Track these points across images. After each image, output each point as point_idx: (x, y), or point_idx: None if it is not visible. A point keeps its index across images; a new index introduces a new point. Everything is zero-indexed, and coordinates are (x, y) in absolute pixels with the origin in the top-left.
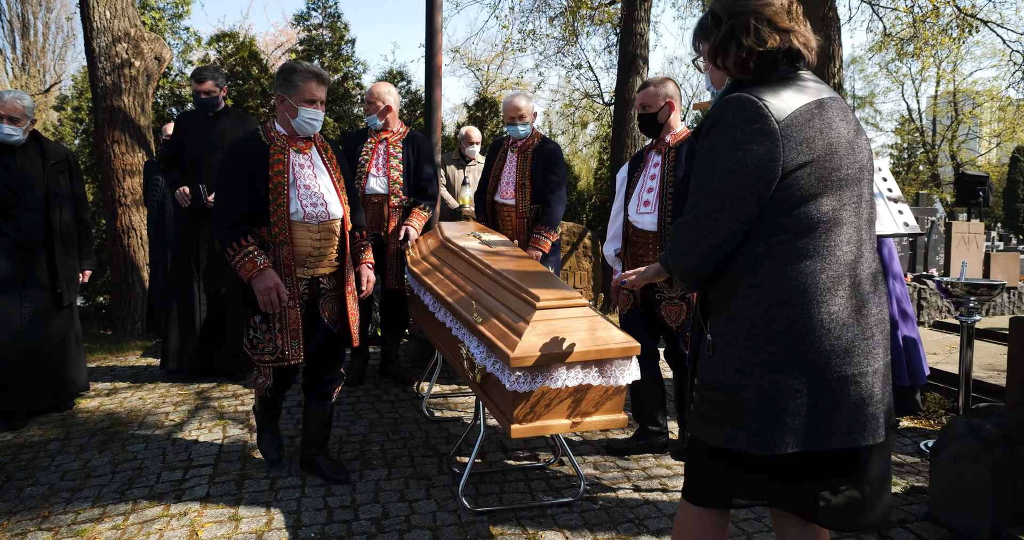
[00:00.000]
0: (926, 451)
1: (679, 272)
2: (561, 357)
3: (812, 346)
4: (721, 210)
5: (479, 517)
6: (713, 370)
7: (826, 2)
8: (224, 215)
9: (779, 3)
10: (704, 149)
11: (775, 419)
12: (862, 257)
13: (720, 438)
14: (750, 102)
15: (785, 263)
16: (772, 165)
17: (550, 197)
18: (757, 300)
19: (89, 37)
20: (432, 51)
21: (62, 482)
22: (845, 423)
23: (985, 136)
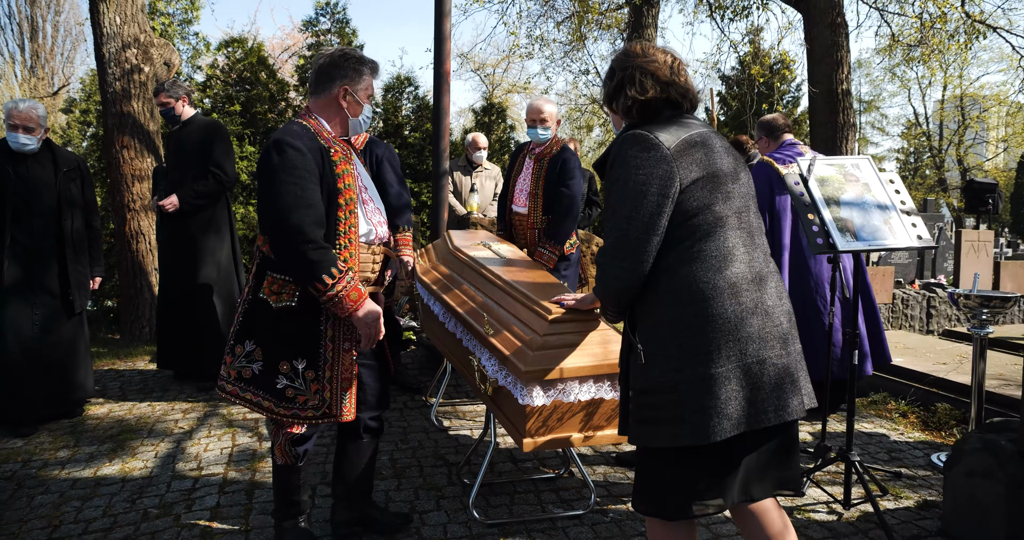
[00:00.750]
0: (938, 464)
1: (617, 293)
2: (574, 371)
3: (731, 335)
4: (639, 228)
5: (490, 529)
6: (648, 376)
7: (834, 8)
8: (311, 235)
9: (662, 60)
10: (610, 180)
11: (711, 408)
12: (757, 258)
13: (665, 437)
14: (643, 136)
15: (694, 265)
16: (671, 182)
17: (558, 209)
18: (677, 301)
19: (99, 43)
20: (441, 57)
21: (73, 490)
22: (773, 402)
23: (992, 141)
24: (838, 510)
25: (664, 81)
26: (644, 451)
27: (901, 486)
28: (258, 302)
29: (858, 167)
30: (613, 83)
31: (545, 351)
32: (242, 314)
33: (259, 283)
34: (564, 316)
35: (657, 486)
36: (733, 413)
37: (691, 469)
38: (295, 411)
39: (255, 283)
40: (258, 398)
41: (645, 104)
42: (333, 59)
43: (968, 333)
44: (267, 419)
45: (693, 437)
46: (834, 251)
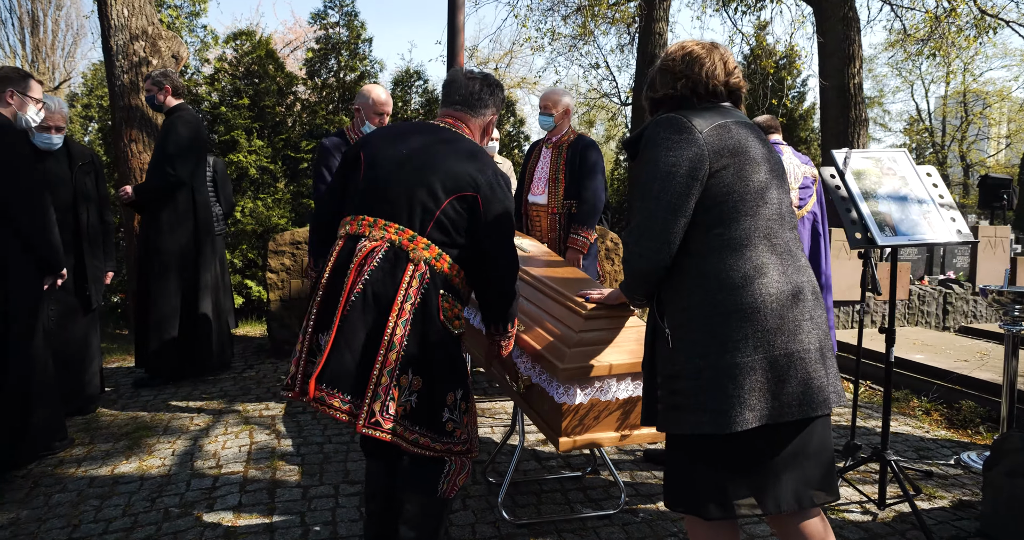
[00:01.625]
0: (969, 463)
1: (643, 273)
2: (612, 369)
3: (759, 326)
4: (666, 208)
5: (519, 530)
6: (675, 361)
7: (846, 2)
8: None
9: (682, 57)
10: (641, 161)
11: (734, 397)
12: (790, 249)
13: (686, 425)
14: (676, 118)
15: (724, 252)
16: (700, 165)
17: (585, 193)
18: (705, 288)
19: (106, 35)
20: (454, 50)
21: (90, 489)
22: (798, 397)
23: (994, 137)
24: (872, 510)
25: (679, 72)
26: (672, 442)
27: (933, 485)
28: (435, 328)
29: (895, 160)
30: (646, 85)
31: (582, 348)
32: (411, 339)
33: (431, 305)
34: (599, 312)
35: (686, 482)
36: (756, 404)
37: (717, 463)
38: (448, 446)
39: (423, 305)
40: (415, 435)
41: (661, 99)
42: (498, 85)
43: (987, 330)
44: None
45: (714, 426)
46: (873, 245)
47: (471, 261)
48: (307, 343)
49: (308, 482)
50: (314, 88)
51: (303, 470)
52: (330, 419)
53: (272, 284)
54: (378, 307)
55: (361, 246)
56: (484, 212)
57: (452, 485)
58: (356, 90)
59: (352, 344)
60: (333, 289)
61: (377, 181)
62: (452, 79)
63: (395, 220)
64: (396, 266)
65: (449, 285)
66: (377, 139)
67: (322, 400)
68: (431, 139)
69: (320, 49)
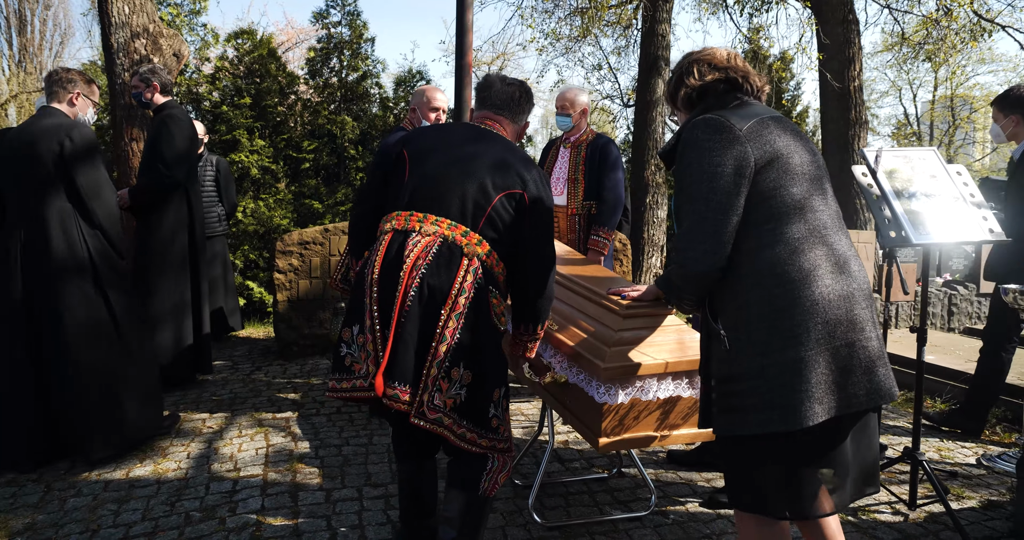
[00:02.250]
0: (993, 464)
1: (698, 277)
2: (653, 368)
3: (818, 318)
4: (716, 208)
5: (551, 533)
6: (734, 362)
7: (845, 5)
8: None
9: (716, 51)
10: (682, 165)
11: (802, 392)
12: (840, 239)
13: (754, 425)
14: (713, 119)
15: (777, 248)
16: (745, 163)
17: (605, 192)
18: (761, 285)
19: (107, 32)
20: (463, 49)
21: (106, 493)
22: (864, 385)
23: (980, 141)
24: (903, 511)
25: (721, 66)
26: (732, 443)
27: (959, 486)
28: (486, 323)
29: (924, 159)
30: (673, 79)
31: (621, 347)
32: (463, 332)
33: (483, 301)
34: (636, 311)
35: (751, 482)
36: (823, 397)
37: (785, 461)
38: (493, 442)
39: (476, 300)
40: (462, 430)
41: (704, 89)
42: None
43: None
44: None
45: (784, 422)
46: (908, 244)
47: (513, 258)
48: (378, 340)
49: (330, 485)
50: (316, 88)
51: (324, 473)
52: (345, 421)
53: (280, 285)
54: (433, 300)
55: (415, 241)
56: (530, 209)
57: (493, 483)
58: (358, 90)
59: (410, 337)
60: (388, 284)
61: (426, 178)
62: (489, 83)
63: (447, 216)
64: (451, 260)
65: (496, 282)
66: (420, 138)
67: (395, 397)
68: (476, 138)
69: (322, 49)
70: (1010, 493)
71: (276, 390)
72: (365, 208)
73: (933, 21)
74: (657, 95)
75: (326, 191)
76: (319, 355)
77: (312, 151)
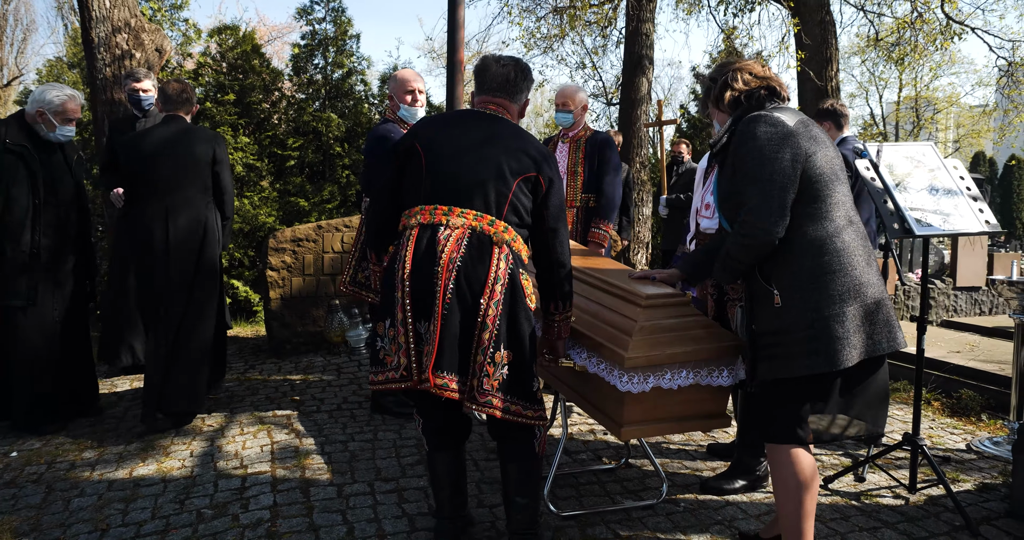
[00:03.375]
0: (981, 448)
1: (760, 247)
2: (674, 357)
3: (856, 281)
4: (779, 186)
5: (567, 522)
6: (784, 317)
7: (823, 7)
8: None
9: (753, 63)
10: (742, 155)
11: (842, 340)
12: (858, 218)
13: (802, 367)
14: (767, 115)
15: (824, 223)
16: (799, 152)
17: (604, 187)
18: (811, 253)
19: (87, 26)
20: (455, 45)
21: (110, 492)
22: (885, 335)
23: (942, 141)
24: (903, 495)
25: (761, 75)
26: (773, 386)
27: (953, 470)
28: (521, 305)
29: (923, 154)
30: (719, 85)
31: (643, 337)
32: (503, 318)
33: (517, 285)
34: (656, 301)
35: (792, 418)
36: (857, 344)
37: (823, 398)
38: (539, 412)
39: (511, 285)
40: (513, 405)
41: (749, 93)
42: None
43: (969, 323)
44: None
45: (828, 364)
46: (911, 236)
47: (534, 237)
48: (411, 333)
49: (341, 480)
50: (300, 85)
51: (333, 468)
52: (348, 418)
53: (273, 282)
54: (472, 291)
55: (446, 235)
56: (546, 190)
57: (543, 444)
58: (343, 87)
59: (454, 329)
60: (422, 279)
61: (445, 171)
62: (484, 67)
63: (471, 206)
64: (483, 251)
65: (524, 265)
66: (429, 129)
67: (445, 386)
68: (483, 125)
69: (306, 45)
70: (1002, 476)
71: (273, 388)
72: (385, 205)
73: (908, 23)
74: (642, 93)
75: (312, 189)
76: (313, 352)
77: (297, 148)
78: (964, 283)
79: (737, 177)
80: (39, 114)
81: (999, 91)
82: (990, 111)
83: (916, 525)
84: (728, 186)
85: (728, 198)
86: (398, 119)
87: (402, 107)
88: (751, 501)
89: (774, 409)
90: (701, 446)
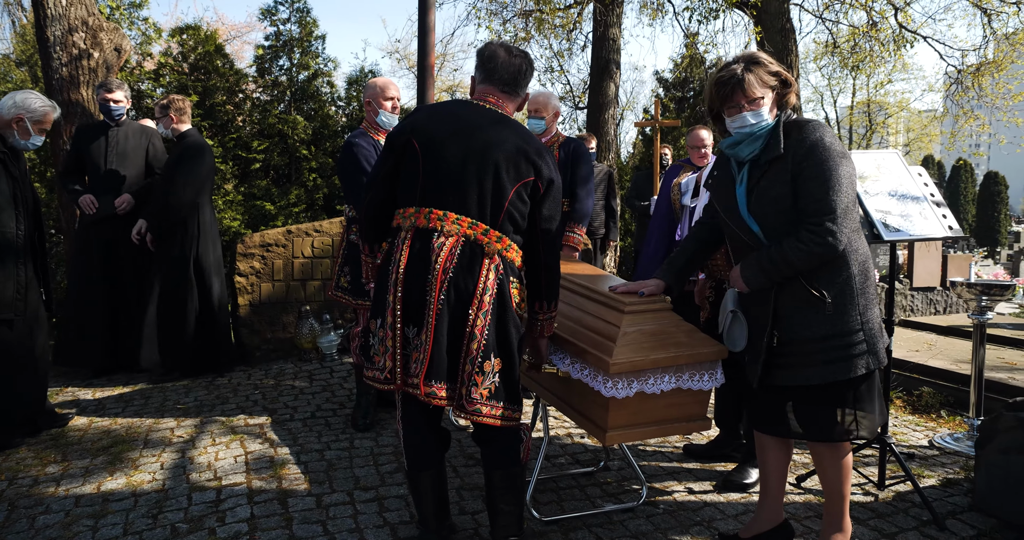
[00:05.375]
0: (943, 444)
1: (835, 252)
2: (657, 362)
3: (874, 285)
4: (853, 198)
5: (549, 527)
6: (838, 322)
7: (783, 15)
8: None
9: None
10: (819, 160)
11: (882, 338)
12: None
13: (862, 367)
14: (825, 125)
15: (859, 234)
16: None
17: (578, 191)
18: (856, 261)
19: (42, 25)
20: (425, 49)
21: (78, 508)
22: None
23: (893, 145)
24: (873, 491)
25: (790, 82)
26: (825, 389)
27: (919, 466)
28: (509, 314)
29: (887, 160)
30: (779, 82)
31: (627, 342)
32: (491, 328)
33: (506, 294)
34: (638, 307)
35: (846, 415)
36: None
37: (870, 394)
38: (519, 414)
39: (500, 295)
40: (501, 411)
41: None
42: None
43: (925, 323)
44: None
45: (877, 362)
46: (880, 241)
47: (527, 240)
48: (399, 338)
49: (319, 490)
50: (265, 86)
51: (310, 478)
52: (323, 426)
53: (241, 288)
54: (460, 301)
55: (439, 243)
56: (544, 194)
57: (527, 451)
58: (309, 89)
59: (442, 338)
60: (415, 285)
61: (441, 173)
62: (492, 54)
63: (466, 213)
64: (473, 261)
65: (516, 271)
66: (426, 125)
67: (432, 394)
68: (485, 124)
69: (270, 46)
70: (964, 471)
71: (244, 396)
72: (379, 196)
73: (863, 32)
74: (609, 97)
75: (278, 192)
76: (283, 359)
77: (263, 151)
78: (920, 284)
79: (806, 184)
80: (17, 120)
81: (948, 97)
82: (939, 116)
83: (886, 521)
84: (780, 190)
85: (778, 203)
86: (374, 125)
87: (382, 113)
88: (728, 501)
89: (827, 410)
90: (677, 448)
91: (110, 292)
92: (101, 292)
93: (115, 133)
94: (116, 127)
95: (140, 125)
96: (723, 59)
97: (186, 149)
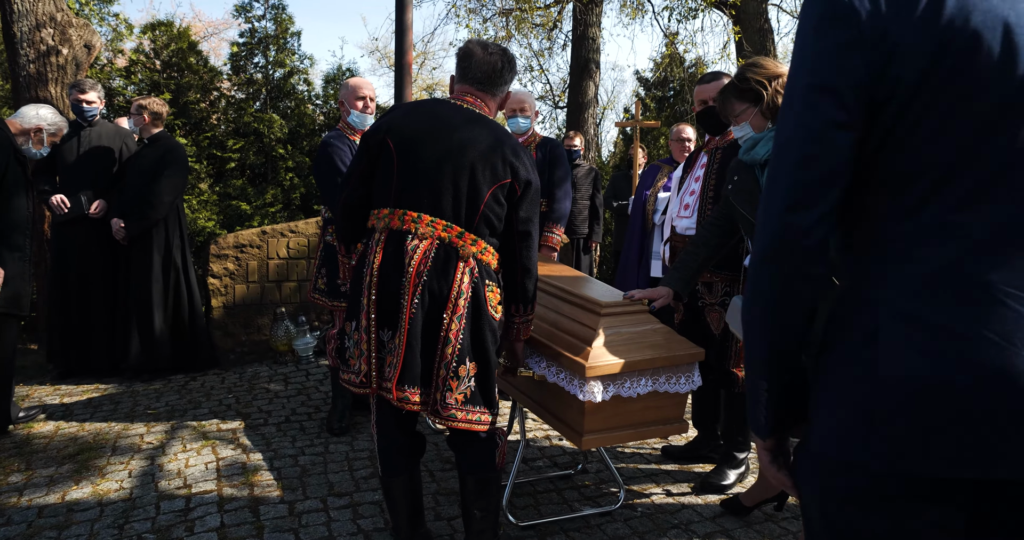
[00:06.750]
0: None
1: None
2: (634, 365)
3: None
4: None
5: (526, 532)
6: None
7: (761, 15)
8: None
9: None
10: None
11: None
12: None
13: None
14: None
15: None
16: None
17: (556, 191)
18: None
19: (8, 21)
20: (403, 48)
21: (41, 519)
22: None
23: None
24: None
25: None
26: None
27: None
28: (484, 317)
29: None
30: (770, 91)
31: (603, 345)
32: (466, 332)
33: (481, 297)
34: (615, 310)
35: None
36: None
37: None
38: (495, 419)
39: (474, 298)
40: (476, 414)
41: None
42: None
43: None
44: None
45: None
46: None
47: (503, 242)
48: (374, 342)
49: (292, 497)
50: (240, 84)
51: (283, 485)
52: (297, 431)
53: (215, 290)
54: (434, 305)
55: (413, 246)
56: (521, 196)
57: (502, 456)
58: (285, 87)
59: (416, 342)
60: (389, 288)
61: (417, 174)
62: (469, 52)
63: (440, 215)
64: (448, 264)
65: (492, 274)
66: (402, 124)
67: (405, 399)
68: (461, 124)
69: (245, 43)
70: None
71: (216, 401)
72: (354, 193)
73: None
74: (588, 97)
75: (253, 192)
76: (258, 362)
77: (238, 150)
78: None
79: None
80: (36, 130)
81: None
82: None
83: None
84: None
85: None
86: (348, 125)
87: (353, 112)
88: (706, 503)
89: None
90: (655, 449)
91: (83, 292)
92: (75, 292)
93: (88, 133)
94: (89, 127)
95: (115, 126)
96: (702, 59)
97: (168, 152)
